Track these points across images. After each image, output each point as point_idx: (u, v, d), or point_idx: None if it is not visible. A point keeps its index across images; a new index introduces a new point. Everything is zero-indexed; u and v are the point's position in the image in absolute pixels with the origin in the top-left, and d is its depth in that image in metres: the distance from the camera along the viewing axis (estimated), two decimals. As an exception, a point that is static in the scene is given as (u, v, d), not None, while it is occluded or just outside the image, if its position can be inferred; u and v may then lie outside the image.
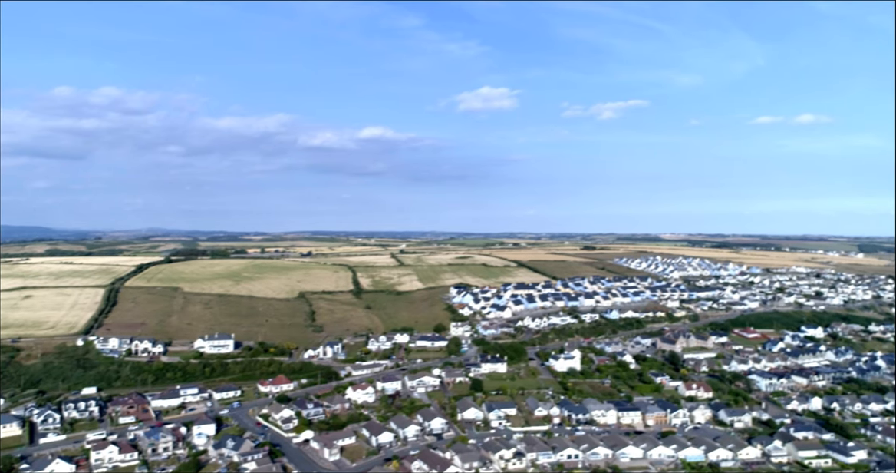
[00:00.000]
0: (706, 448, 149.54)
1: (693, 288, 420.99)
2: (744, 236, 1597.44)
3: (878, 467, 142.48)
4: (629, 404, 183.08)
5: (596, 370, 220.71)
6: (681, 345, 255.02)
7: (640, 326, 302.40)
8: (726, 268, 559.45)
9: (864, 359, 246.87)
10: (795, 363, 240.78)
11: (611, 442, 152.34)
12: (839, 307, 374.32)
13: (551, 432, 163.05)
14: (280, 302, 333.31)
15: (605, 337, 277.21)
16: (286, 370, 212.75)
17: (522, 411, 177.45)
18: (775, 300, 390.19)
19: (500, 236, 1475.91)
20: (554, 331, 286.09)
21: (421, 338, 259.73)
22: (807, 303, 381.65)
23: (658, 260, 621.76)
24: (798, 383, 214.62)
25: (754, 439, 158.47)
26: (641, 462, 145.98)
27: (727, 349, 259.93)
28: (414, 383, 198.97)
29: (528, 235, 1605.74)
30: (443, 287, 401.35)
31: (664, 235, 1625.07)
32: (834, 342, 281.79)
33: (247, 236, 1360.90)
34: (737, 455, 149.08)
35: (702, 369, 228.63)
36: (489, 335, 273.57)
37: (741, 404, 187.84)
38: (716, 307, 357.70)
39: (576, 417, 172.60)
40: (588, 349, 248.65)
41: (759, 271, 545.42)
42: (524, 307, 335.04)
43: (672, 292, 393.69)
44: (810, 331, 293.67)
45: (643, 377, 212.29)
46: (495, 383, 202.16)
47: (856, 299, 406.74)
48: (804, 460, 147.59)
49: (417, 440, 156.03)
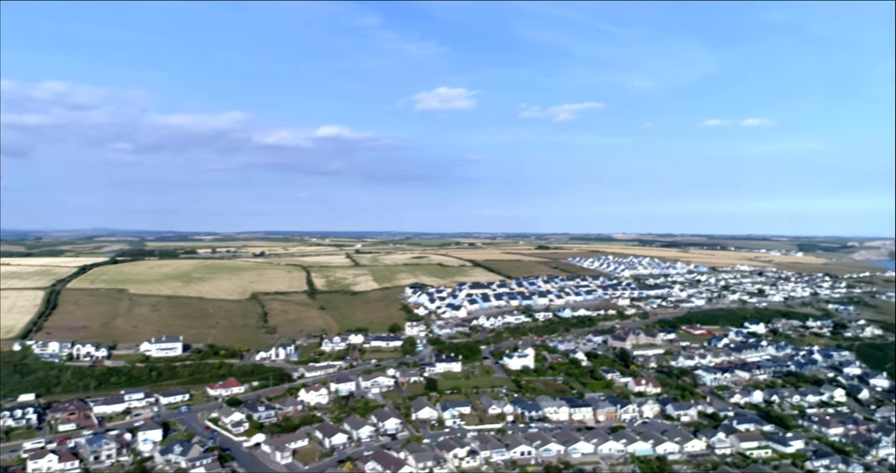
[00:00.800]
0: (654, 442, 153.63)
1: (643, 286, 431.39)
2: (692, 235, 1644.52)
3: (815, 455, 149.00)
4: (581, 400, 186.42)
5: (549, 368, 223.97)
6: (631, 342, 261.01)
7: (593, 324, 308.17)
8: (675, 267, 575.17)
9: (802, 353, 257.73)
10: (739, 358, 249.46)
11: (563, 438, 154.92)
12: (780, 304, 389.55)
13: (505, 429, 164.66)
14: (231, 303, 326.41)
15: (558, 335, 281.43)
16: (237, 372, 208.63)
17: (477, 409, 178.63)
18: (721, 297, 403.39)
19: (457, 236, 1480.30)
20: (508, 330, 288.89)
21: (376, 338, 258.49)
22: (750, 300, 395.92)
23: (610, 259, 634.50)
24: (741, 377, 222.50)
25: (700, 432, 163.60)
26: (592, 456, 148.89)
27: (675, 346, 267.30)
28: (368, 383, 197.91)
29: (484, 235, 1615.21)
30: (398, 287, 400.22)
31: (616, 235, 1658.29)
32: (774, 337, 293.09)
33: (197, 236, 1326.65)
34: (683, 447, 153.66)
35: (651, 365, 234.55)
36: (444, 335, 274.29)
37: (688, 398, 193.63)
38: (665, 305, 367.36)
39: (529, 414, 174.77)
40: (542, 347, 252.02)
41: (706, 269, 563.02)
42: (479, 306, 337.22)
43: (623, 290, 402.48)
44: (753, 327, 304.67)
45: (595, 374, 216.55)
46: (450, 382, 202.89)
47: (795, 296, 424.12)
48: (746, 451, 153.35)
49: (371, 440, 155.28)
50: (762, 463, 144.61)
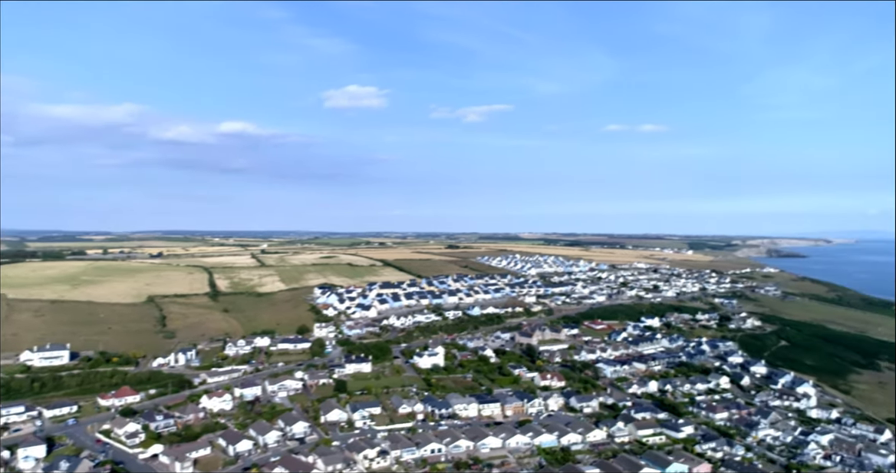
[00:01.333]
0: (559, 434, 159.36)
1: (548, 284, 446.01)
2: (594, 234, 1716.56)
3: (703, 439, 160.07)
4: (490, 396, 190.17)
5: (459, 366, 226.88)
6: (537, 338, 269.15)
7: (501, 321, 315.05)
8: (578, 265, 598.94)
9: (692, 345, 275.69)
10: (636, 351, 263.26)
11: (472, 434, 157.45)
12: (673, 299, 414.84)
13: (415, 428, 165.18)
14: (126, 307, 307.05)
15: (467, 333, 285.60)
16: (132, 380, 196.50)
17: (387, 409, 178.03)
18: (620, 293, 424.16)
19: (367, 236, 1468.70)
20: (419, 329, 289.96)
21: (283, 341, 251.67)
22: (646, 296, 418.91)
23: (517, 258, 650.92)
24: (638, 368, 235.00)
25: (601, 422, 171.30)
26: (500, 450, 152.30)
27: (578, 341, 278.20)
28: (275, 387, 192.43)
29: (394, 234, 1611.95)
30: (306, 288, 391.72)
31: (523, 234, 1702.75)
32: (668, 330, 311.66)
33: (86, 236, 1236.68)
34: (586, 437, 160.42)
35: (556, 359, 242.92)
36: (354, 335, 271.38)
37: (590, 390, 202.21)
38: (568, 301, 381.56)
39: (439, 412, 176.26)
40: (451, 345, 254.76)
41: (607, 267, 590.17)
42: (389, 305, 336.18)
43: (530, 288, 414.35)
44: (649, 321, 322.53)
45: (503, 370, 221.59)
46: (360, 383, 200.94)
47: (686, 291, 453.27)
48: (643, 438, 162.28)
49: (279, 446, 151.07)
50: (657, 449, 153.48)
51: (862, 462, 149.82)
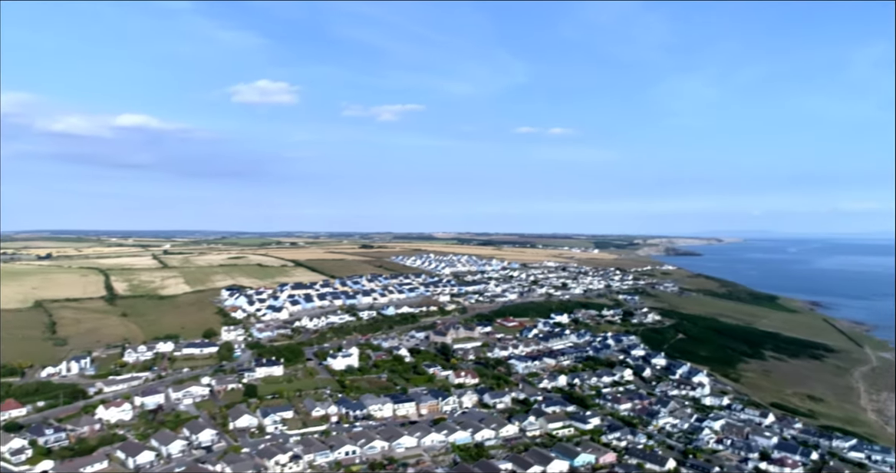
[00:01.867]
0: (473, 430, 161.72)
1: (462, 283, 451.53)
2: (506, 234, 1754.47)
3: (608, 429, 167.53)
4: (404, 396, 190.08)
5: (373, 366, 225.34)
6: (451, 336, 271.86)
7: (415, 320, 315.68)
8: (490, 264, 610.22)
9: (598, 340, 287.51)
10: (546, 347, 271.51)
11: (387, 435, 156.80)
12: (580, 296, 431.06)
13: (329, 431, 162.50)
14: (9, 313, 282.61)
15: (382, 333, 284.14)
16: (17, 392, 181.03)
17: (300, 413, 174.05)
18: (531, 291, 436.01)
19: (278, 236, 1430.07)
20: (332, 330, 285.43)
21: (188, 345, 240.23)
22: (555, 293, 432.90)
23: (431, 257, 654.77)
24: (548, 364, 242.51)
25: (513, 417, 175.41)
26: (416, 449, 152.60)
27: (491, 338, 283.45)
28: (179, 394, 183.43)
29: (306, 234, 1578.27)
30: (213, 290, 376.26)
31: (437, 233, 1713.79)
32: (576, 326, 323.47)
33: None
34: (499, 433, 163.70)
35: (469, 357, 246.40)
36: (265, 338, 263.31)
37: (503, 387, 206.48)
38: (482, 300, 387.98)
39: (354, 413, 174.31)
40: (366, 345, 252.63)
41: (518, 266, 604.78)
42: (302, 307, 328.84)
43: (444, 287, 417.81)
44: (558, 318, 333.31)
45: (417, 369, 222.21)
46: (271, 387, 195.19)
47: (592, 288, 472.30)
48: (553, 431, 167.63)
49: (184, 455, 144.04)
50: (566, 441, 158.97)
51: (749, 444, 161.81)
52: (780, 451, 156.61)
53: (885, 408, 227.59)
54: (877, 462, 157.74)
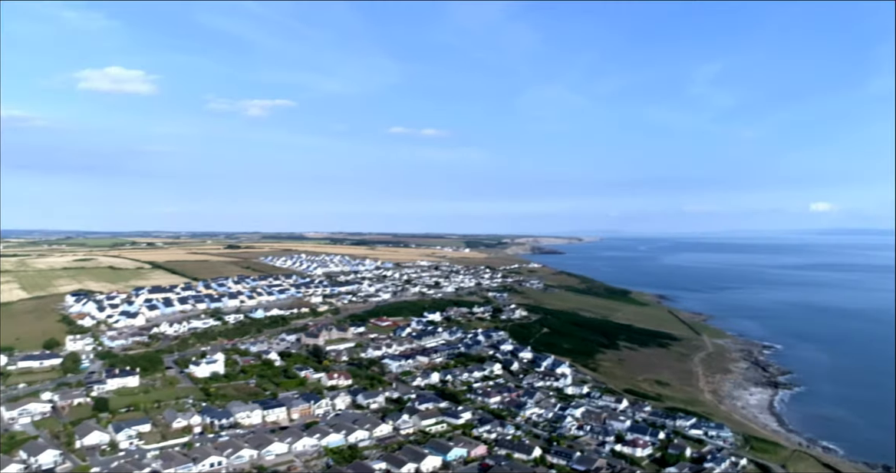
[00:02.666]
0: (346, 432, 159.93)
1: (335, 283, 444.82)
2: (379, 233, 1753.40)
3: (479, 422, 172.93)
4: (275, 401, 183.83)
5: (241, 372, 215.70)
6: (324, 338, 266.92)
7: (286, 323, 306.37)
8: (364, 264, 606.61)
9: (469, 336, 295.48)
10: (420, 345, 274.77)
11: (256, 442, 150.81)
12: (452, 294, 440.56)
13: (192, 443, 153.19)
14: None
15: (250, 337, 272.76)
16: None
17: (159, 425, 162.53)
18: (404, 290, 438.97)
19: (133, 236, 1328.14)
20: (195, 335, 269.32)
21: (25, 358, 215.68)
22: (428, 292, 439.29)
23: (303, 258, 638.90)
24: (422, 362, 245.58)
25: (387, 416, 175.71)
26: (287, 456, 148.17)
27: (365, 338, 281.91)
28: (14, 413, 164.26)
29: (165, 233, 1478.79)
30: (56, 295, 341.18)
31: (309, 233, 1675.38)
32: (448, 323, 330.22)
33: None
34: (373, 433, 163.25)
35: (343, 358, 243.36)
36: (118, 347, 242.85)
37: (376, 386, 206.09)
38: (355, 300, 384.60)
39: (219, 423, 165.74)
40: (233, 350, 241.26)
41: (392, 265, 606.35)
42: (160, 312, 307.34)
43: (316, 288, 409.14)
44: (431, 316, 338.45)
45: (288, 373, 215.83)
46: (126, 399, 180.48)
47: (464, 286, 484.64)
48: (426, 427, 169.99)
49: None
50: (439, 436, 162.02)
51: (606, 428, 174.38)
52: (632, 433, 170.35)
53: (719, 389, 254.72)
54: (713, 438, 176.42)
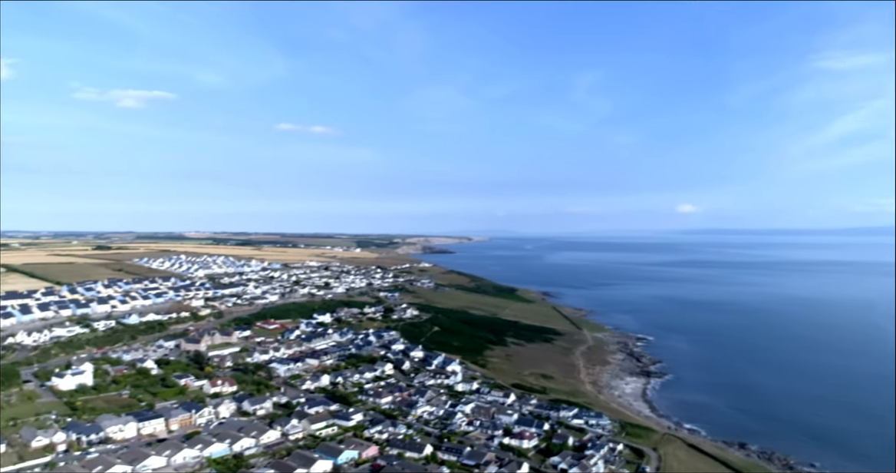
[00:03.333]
0: (231, 441, 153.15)
1: (218, 286, 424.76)
2: (266, 233, 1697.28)
3: (371, 423, 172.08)
4: (151, 412, 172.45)
5: (113, 383, 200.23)
6: (206, 343, 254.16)
7: (164, 328, 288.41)
8: (249, 265, 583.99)
9: (360, 337, 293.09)
10: (309, 347, 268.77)
11: (130, 457, 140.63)
12: (343, 295, 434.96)
13: (55, 462, 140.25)
14: None
15: (123, 345, 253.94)
16: None
17: (15, 445, 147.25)
18: (292, 292, 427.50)
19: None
20: (58, 345, 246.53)
21: None
22: (318, 293, 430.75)
23: (182, 259, 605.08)
24: (311, 364, 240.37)
25: (275, 422, 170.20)
26: (165, 469, 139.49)
27: (251, 342, 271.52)
28: None
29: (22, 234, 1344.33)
30: None
31: (189, 233, 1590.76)
32: (339, 325, 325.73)
33: None
34: (259, 440, 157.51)
35: (227, 364, 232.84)
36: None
37: (263, 392, 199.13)
38: (240, 303, 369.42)
39: (87, 438, 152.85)
40: (103, 360, 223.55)
41: (279, 266, 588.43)
42: (16, 320, 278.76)
43: (197, 290, 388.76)
44: (321, 317, 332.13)
45: (166, 382, 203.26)
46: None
47: (355, 286, 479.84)
48: (316, 431, 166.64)
49: None
50: (329, 440, 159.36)
51: (495, 422, 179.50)
52: (519, 426, 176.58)
53: (598, 380, 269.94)
54: (593, 426, 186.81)
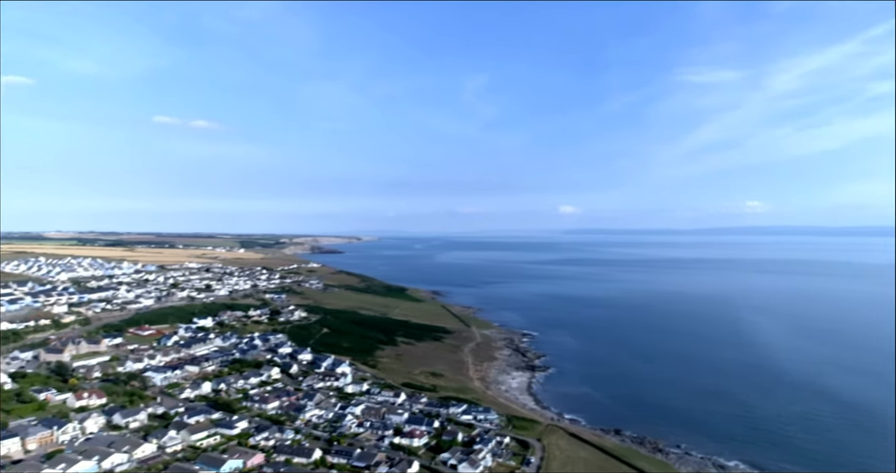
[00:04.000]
0: (100, 458, 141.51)
1: (84, 290, 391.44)
2: (140, 233, 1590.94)
3: (256, 430, 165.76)
4: (4, 432, 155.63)
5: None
6: (70, 353, 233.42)
7: (19, 338, 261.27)
8: (121, 267, 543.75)
9: (245, 341, 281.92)
10: (189, 354, 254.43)
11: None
12: (226, 297, 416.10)
13: None
14: None
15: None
16: None
17: None
18: (170, 295, 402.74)
19: None
20: None
21: None
22: (198, 296, 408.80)
23: (42, 262, 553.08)
24: (191, 372, 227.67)
25: (150, 434, 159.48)
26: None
27: (122, 350, 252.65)
28: None
29: None
30: None
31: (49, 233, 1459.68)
32: (221, 329, 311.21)
33: None
34: (133, 455, 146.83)
35: (94, 375, 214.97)
36: None
37: (137, 403, 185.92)
38: (110, 308, 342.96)
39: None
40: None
41: (155, 268, 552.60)
42: None
43: (59, 296, 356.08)
44: (201, 322, 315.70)
45: (23, 397, 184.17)
46: None
47: (239, 289, 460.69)
48: (196, 442, 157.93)
49: None
50: (212, 450, 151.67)
51: (385, 422, 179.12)
52: (409, 424, 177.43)
53: (486, 375, 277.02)
54: (481, 421, 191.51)
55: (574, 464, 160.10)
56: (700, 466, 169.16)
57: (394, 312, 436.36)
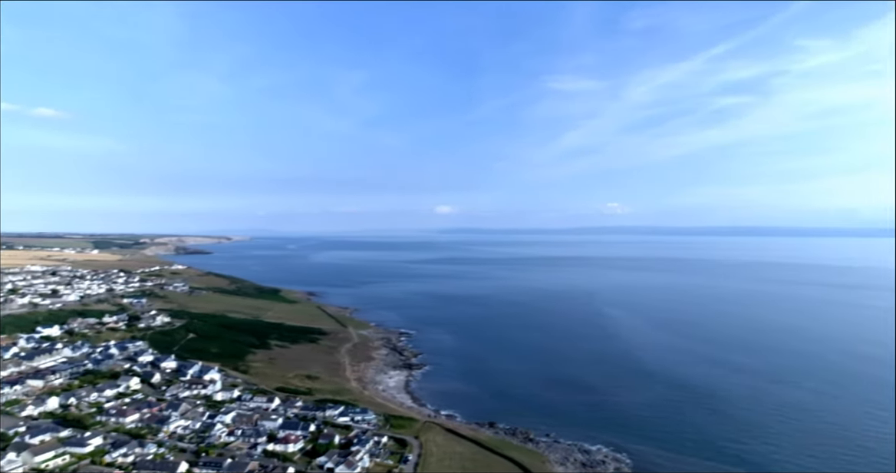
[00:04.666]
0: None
1: None
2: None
3: (113, 446, 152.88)
4: None
5: None
6: None
7: None
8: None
9: (99, 350, 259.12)
10: (31, 367, 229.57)
11: None
12: (76, 303, 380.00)
13: None
14: None
15: None
16: None
17: None
18: (8, 302, 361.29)
19: None
20: None
21: None
22: (43, 302, 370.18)
23: None
24: (35, 386, 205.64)
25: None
26: None
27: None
28: None
29: None
30: None
31: None
32: (71, 338, 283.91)
33: None
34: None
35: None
36: None
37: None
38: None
39: None
40: None
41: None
42: None
43: None
44: (46, 331, 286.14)
45: None
46: None
47: (91, 293, 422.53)
48: (41, 464, 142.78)
49: None
50: (60, 472, 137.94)
51: (258, 429, 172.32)
52: (284, 430, 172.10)
53: (364, 376, 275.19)
54: (359, 422, 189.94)
55: (450, 459, 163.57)
56: (567, 452, 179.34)
57: (266, 314, 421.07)
